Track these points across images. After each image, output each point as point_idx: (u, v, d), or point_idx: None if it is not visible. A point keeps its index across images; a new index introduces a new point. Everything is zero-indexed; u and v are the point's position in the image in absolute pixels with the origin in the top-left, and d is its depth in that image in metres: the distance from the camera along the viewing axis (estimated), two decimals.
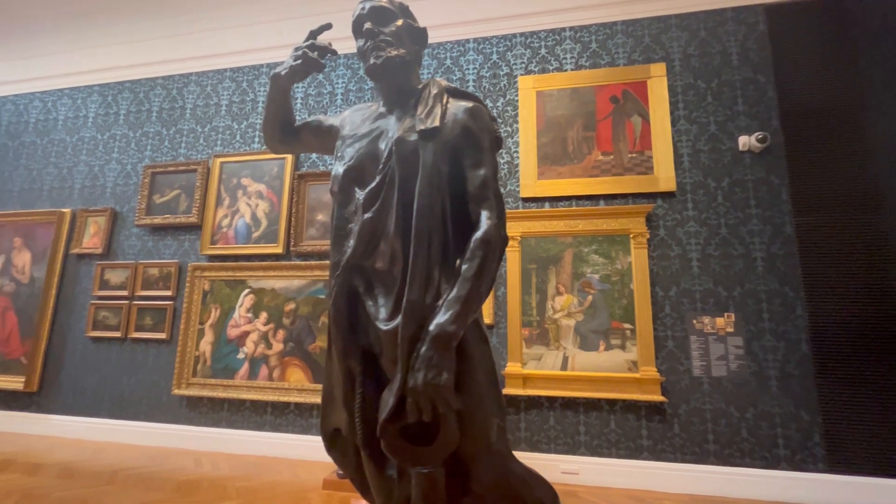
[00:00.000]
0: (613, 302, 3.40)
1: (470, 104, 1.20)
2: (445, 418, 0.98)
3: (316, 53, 1.31)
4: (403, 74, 1.25)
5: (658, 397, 3.17)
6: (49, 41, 5.43)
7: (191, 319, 4.23)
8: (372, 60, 1.20)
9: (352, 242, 1.18)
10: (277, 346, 3.99)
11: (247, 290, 4.17)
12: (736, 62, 3.61)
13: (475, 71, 4.14)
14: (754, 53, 3.60)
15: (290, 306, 4.03)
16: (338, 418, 1.22)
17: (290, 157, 4.34)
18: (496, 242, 1.10)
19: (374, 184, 1.16)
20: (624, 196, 3.57)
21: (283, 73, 1.34)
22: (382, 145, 1.20)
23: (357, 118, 1.33)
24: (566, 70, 3.91)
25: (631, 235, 3.44)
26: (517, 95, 3.95)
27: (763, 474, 3.01)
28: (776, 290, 3.24)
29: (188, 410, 4.13)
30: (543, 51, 4.00)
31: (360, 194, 1.19)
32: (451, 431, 0.98)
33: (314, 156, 4.36)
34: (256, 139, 4.55)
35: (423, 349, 0.99)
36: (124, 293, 4.48)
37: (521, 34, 4.09)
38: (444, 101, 1.20)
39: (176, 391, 4.09)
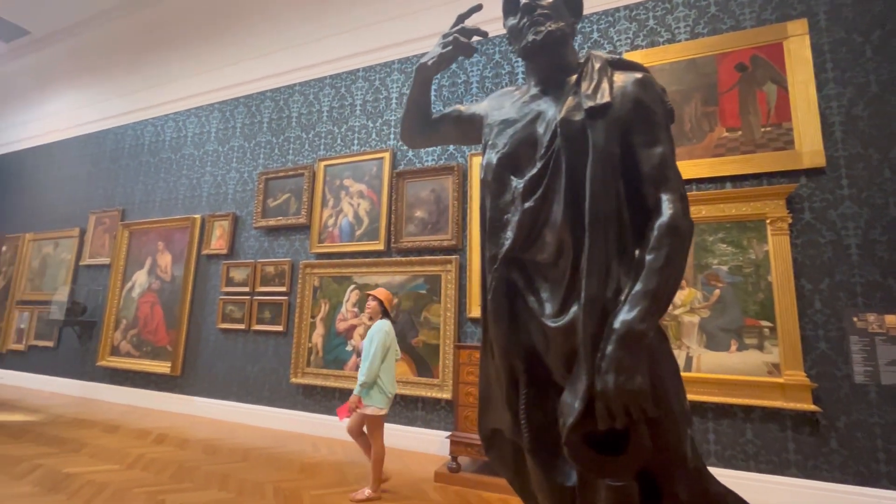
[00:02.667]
0: (747, 296, 3.02)
1: (639, 75, 1.08)
2: (636, 427, 0.88)
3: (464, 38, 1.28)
4: (562, 50, 1.16)
5: (808, 406, 2.76)
6: (176, 68, 6.15)
7: (303, 313, 4.55)
8: (531, 37, 1.12)
9: (510, 234, 1.12)
10: None
11: (352, 286, 4.37)
12: None
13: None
14: None
15: (394, 301, 4.14)
16: (497, 418, 1.17)
17: (387, 157, 4.47)
18: (684, 229, 0.97)
19: (534, 170, 1.09)
20: (757, 176, 3.14)
21: (429, 62, 1.32)
22: (541, 129, 1.12)
23: (504, 103, 1.27)
24: (680, 41, 3.54)
25: (767, 221, 3.02)
26: None
27: None
28: None
29: (304, 398, 4.44)
30: (652, 22, 3.66)
31: (517, 182, 1.12)
32: (642, 441, 0.88)
33: (410, 153, 4.43)
34: (356, 141, 4.74)
35: (610, 349, 0.90)
36: (246, 289, 4.94)
37: (625, 7, 3.78)
38: (609, 74, 1.09)
39: (293, 379, 4.42)
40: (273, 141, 5.27)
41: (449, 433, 3.39)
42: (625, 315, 0.92)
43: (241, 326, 4.88)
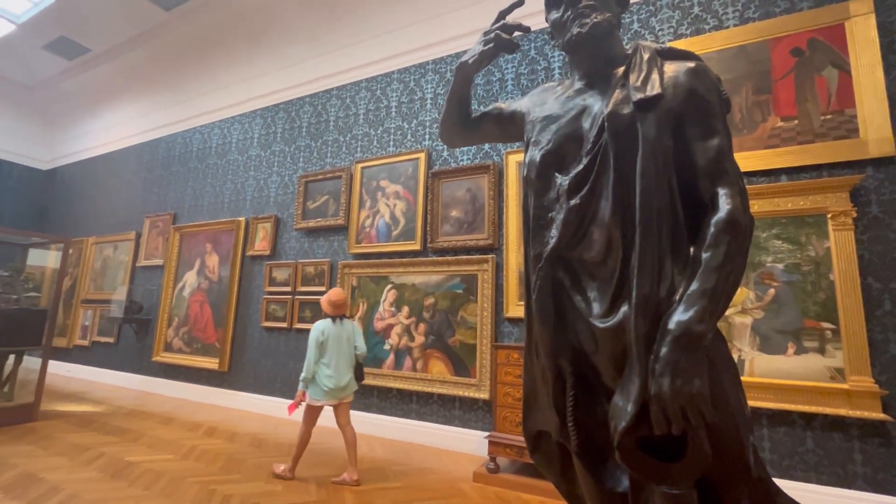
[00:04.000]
0: (805, 296, 2.83)
1: (692, 64, 1.03)
2: (695, 432, 0.84)
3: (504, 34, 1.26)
4: (608, 42, 1.13)
5: (878, 414, 2.55)
6: (220, 78, 6.43)
7: None
8: (576, 30, 1.09)
9: (555, 232, 1.08)
10: (419, 339, 4.16)
11: (389, 286, 4.43)
12: None
13: None
14: None
15: (430, 300, 4.17)
16: (543, 420, 1.15)
17: (422, 157, 4.49)
18: (744, 225, 0.92)
19: (580, 167, 1.06)
20: (816, 168, 2.94)
21: (470, 61, 1.31)
22: (586, 124, 1.09)
23: (547, 99, 1.24)
24: (728, 27, 3.36)
25: (829, 215, 2.82)
26: None
27: None
28: None
29: None
30: (697, 9, 3.50)
31: (561, 179, 1.09)
32: (701, 448, 0.84)
33: (445, 153, 4.44)
34: (391, 143, 4.80)
35: (665, 351, 0.86)
36: (288, 289, 5.10)
37: None
38: (659, 64, 1.04)
39: None
40: (312, 145, 5.42)
41: (487, 433, 3.37)
42: (680, 315, 0.88)
43: (284, 325, 5.04)
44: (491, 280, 3.89)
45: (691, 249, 0.96)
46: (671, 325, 0.88)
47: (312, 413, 3.08)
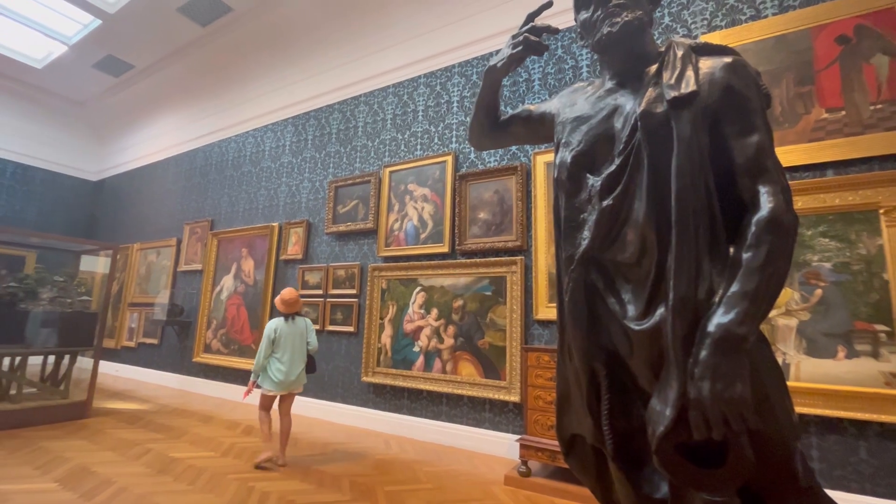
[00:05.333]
0: (857, 297, 2.67)
1: (729, 59, 1.00)
2: (737, 438, 0.81)
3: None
4: (640, 40, 1.11)
5: None
6: (253, 88, 6.67)
7: (372, 315, 4.72)
8: (606, 29, 1.07)
9: (587, 233, 1.07)
10: (448, 341, 4.17)
11: (418, 288, 4.47)
12: None
13: None
14: None
15: (459, 303, 4.18)
16: (577, 423, 1.14)
17: (449, 160, 4.52)
18: (787, 223, 0.88)
19: (612, 167, 1.05)
20: (866, 161, 2.78)
21: (498, 64, 1.31)
22: (618, 124, 1.06)
23: (577, 99, 1.23)
24: (766, 16, 3.23)
25: (881, 210, 2.66)
26: None
27: None
28: None
29: (375, 396, 4.61)
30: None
31: (593, 180, 1.08)
32: (744, 455, 0.81)
33: (473, 156, 4.45)
34: (419, 146, 4.85)
35: (704, 354, 0.84)
36: (320, 292, 5.22)
37: None
38: (694, 60, 1.02)
39: (364, 378, 4.61)
40: (341, 150, 5.54)
41: (518, 436, 3.35)
42: (720, 318, 0.86)
43: (316, 327, 5.16)
44: (520, 282, 3.86)
45: (731, 250, 0.93)
46: (711, 327, 0.85)
47: (265, 401, 3.43)
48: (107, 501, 2.61)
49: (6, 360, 4.64)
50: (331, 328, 5.04)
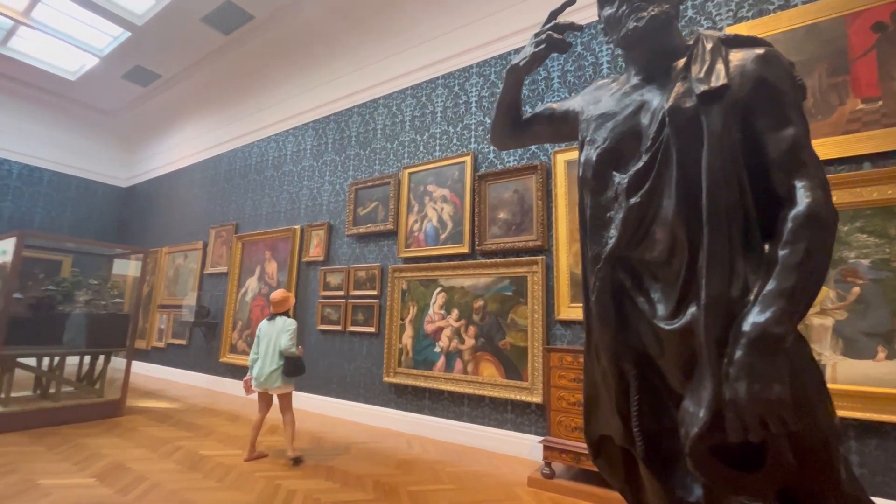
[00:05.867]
0: None
1: (761, 51, 0.97)
2: (775, 441, 0.79)
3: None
4: (667, 34, 1.08)
5: None
6: (274, 94, 6.80)
7: (393, 315, 4.75)
8: (632, 24, 1.05)
9: (614, 232, 1.06)
10: (469, 342, 4.17)
11: (439, 289, 4.48)
12: None
13: None
14: None
15: (479, 303, 4.17)
16: (606, 424, 1.12)
17: (468, 160, 4.51)
18: (826, 219, 0.85)
19: (640, 164, 1.01)
20: None
21: (521, 63, 1.30)
22: (645, 120, 1.05)
23: (601, 96, 1.21)
24: (795, 5, 3.12)
25: None
26: None
27: None
28: None
29: (396, 396, 4.63)
30: None
31: (619, 178, 1.06)
32: (783, 458, 0.78)
33: (492, 156, 4.43)
34: (437, 147, 4.86)
35: (739, 354, 0.81)
36: (341, 293, 5.29)
37: None
38: (724, 53, 0.99)
39: (386, 379, 4.64)
40: (361, 153, 5.60)
41: (541, 438, 3.31)
42: (756, 317, 0.83)
43: (338, 328, 5.23)
44: (541, 282, 3.83)
45: (765, 247, 0.90)
46: (746, 326, 0.83)
47: (258, 397, 3.63)
48: (141, 497, 2.70)
49: (45, 360, 4.85)
50: (352, 329, 5.10)
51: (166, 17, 6.12)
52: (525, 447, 3.69)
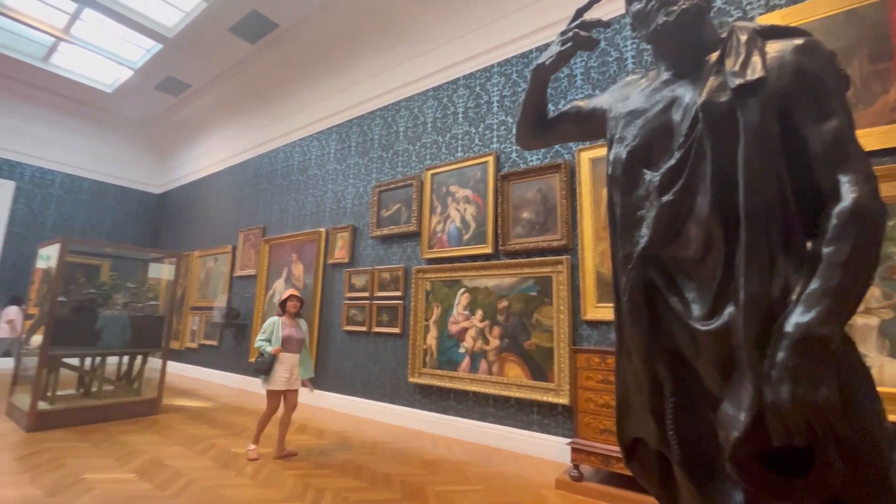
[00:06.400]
0: None
1: (800, 41, 0.93)
2: (823, 445, 0.75)
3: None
4: (698, 28, 1.05)
5: None
6: (299, 100, 6.94)
7: (417, 316, 4.77)
8: (662, 19, 1.03)
9: (645, 231, 1.04)
10: (494, 342, 4.15)
11: (462, 289, 4.48)
12: None
13: None
14: None
15: (503, 304, 4.15)
16: (639, 427, 1.10)
17: (490, 160, 4.50)
18: (873, 214, 0.81)
19: (672, 161, 0.99)
20: None
21: (547, 62, 1.29)
22: (677, 116, 1.02)
23: (630, 93, 1.19)
24: None
25: None
26: None
27: None
28: None
29: (421, 396, 4.66)
30: None
31: (651, 176, 1.04)
32: (831, 463, 0.75)
33: (514, 155, 4.41)
34: (459, 148, 4.86)
35: (782, 356, 0.79)
36: (366, 294, 5.35)
37: None
38: (760, 45, 0.96)
39: (411, 379, 4.67)
40: (384, 156, 5.65)
41: (569, 440, 3.27)
42: (800, 317, 0.80)
43: (363, 328, 5.29)
44: (566, 281, 3.78)
45: (808, 245, 0.87)
46: (789, 327, 0.80)
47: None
48: (179, 492, 2.80)
49: (88, 361, 5.08)
50: (377, 329, 5.15)
51: (195, 29, 6.33)
52: (552, 449, 3.65)
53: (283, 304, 3.75)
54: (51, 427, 4.14)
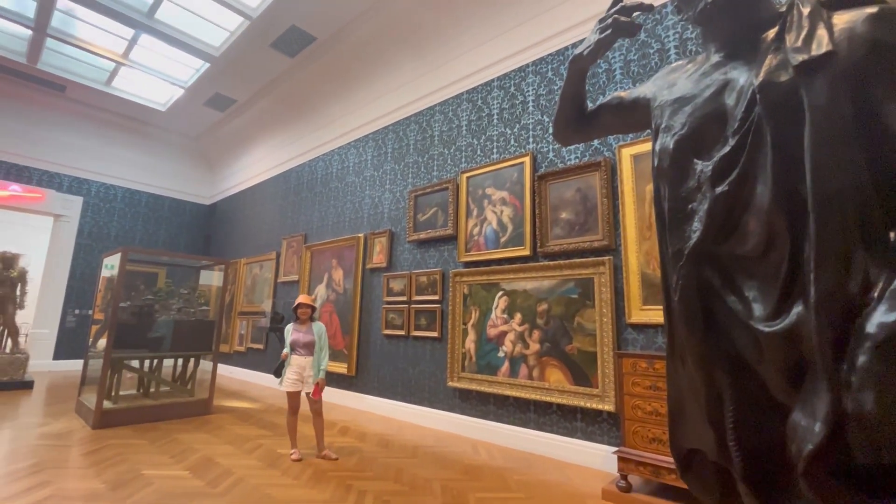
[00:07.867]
0: None
1: (873, 9, 0.84)
2: None
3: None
4: (751, 3, 0.98)
5: None
6: (336, 110, 7.12)
7: (456, 320, 4.75)
8: None
9: (697, 225, 0.96)
10: (534, 346, 4.06)
11: (500, 293, 4.41)
12: None
13: None
14: None
15: (543, 307, 4.05)
16: (696, 437, 1.02)
17: (527, 161, 4.42)
18: None
19: (726, 149, 0.93)
20: None
21: (584, 52, 1.24)
22: (730, 100, 0.94)
23: (676, 79, 1.12)
24: None
25: None
26: None
27: None
28: None
29: (461, 401, 4.62)
30: None
31: (702, 166, 0.97)
32: None
33: (552, 154, 4.31)
34: (495, 150, 4.82)
35: (864, 360, 0.70)
36: (404, 298, 5.39)
37: None
38: (826, 17, 0.87)
39: (450, 383, 4.64)
40: (419, 160, 5.70)
41: (615, 448, 3.14)
42: (884, 316, 0.71)
43: (402, 332, 5.33)
44: (609, 283, 3.64)
45: (892, 236, 0.77)
46: (871, 328, 0.71)
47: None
48: (228, 490, 2.91)
49: (146, 363, 5.40)
50: (416, 333, 5.17)
51: (239, 47, 6.65)
52: (597, 457, 3.52)
53: (294, 310, 3.90)
54: (114, 425, 4.42)
